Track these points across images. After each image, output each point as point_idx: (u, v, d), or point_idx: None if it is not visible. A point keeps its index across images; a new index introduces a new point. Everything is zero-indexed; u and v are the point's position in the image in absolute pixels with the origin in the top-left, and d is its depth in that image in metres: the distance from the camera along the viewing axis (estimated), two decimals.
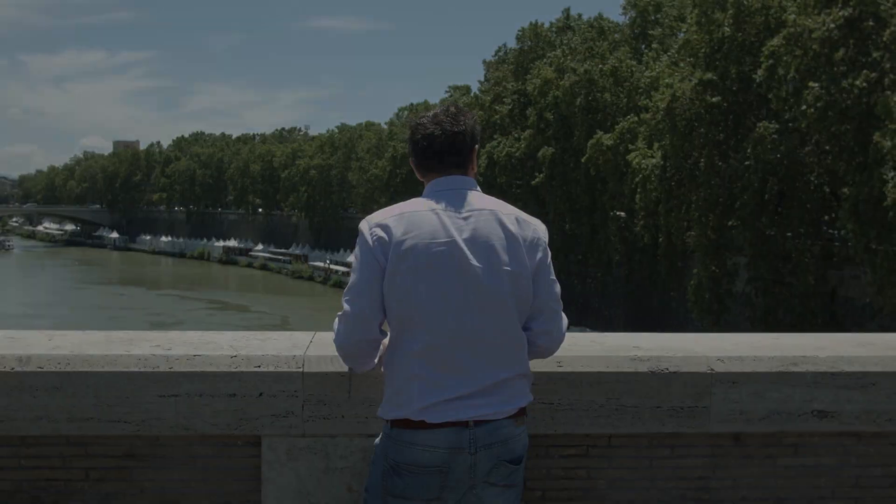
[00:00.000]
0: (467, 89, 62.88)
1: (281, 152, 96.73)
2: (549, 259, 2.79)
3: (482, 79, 60.52)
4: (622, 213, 40.66)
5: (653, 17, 44.61)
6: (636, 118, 38.12)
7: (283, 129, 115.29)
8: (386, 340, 2.76)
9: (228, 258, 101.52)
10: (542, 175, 45.11)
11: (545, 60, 48.18)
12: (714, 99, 31.18)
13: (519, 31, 54.37)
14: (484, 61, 60.38)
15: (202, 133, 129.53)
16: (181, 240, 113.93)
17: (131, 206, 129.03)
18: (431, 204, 2.69)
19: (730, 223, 31.47)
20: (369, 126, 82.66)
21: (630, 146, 37.09)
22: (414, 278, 2.59)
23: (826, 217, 30.96)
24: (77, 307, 61.54)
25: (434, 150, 2.76)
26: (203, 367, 3.00)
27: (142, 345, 3.14)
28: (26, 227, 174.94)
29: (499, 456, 2.63)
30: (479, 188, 2.79)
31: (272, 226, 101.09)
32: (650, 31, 44.26)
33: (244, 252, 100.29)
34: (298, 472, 3.05)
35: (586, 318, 47.20)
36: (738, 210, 30.65)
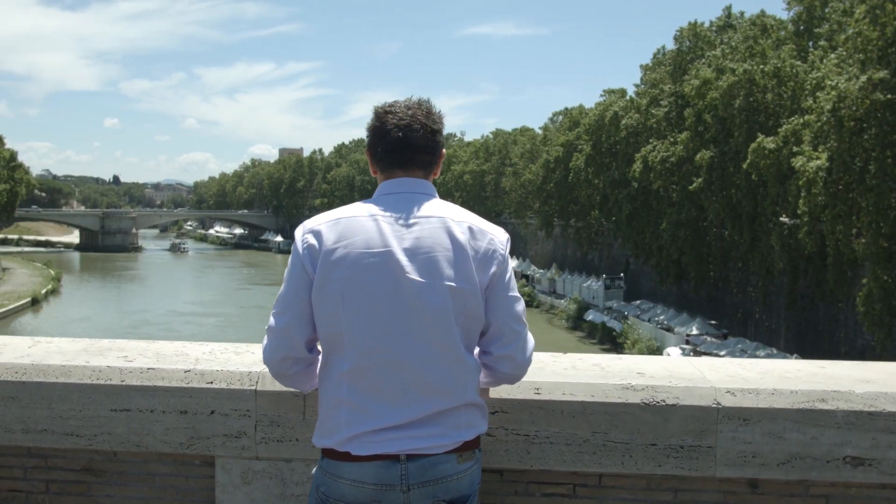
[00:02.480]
0: (623, 93, 61.44)
1: None
2: (510, 273, 2.44)
3: (638, 82, 59.11)
4: (786, 219, 38.49)
5: (819, 13, 42.07)
6: (801, 120, 35.96)
7: None
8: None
9: None
10: (699, 180, 43.28)
11: (703, 60, 46.38)
12: (886, 97, 28.99)
13: (677, 31, 52.68)
14: (641, 65, 58.98)
15: (362, 140, 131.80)
16: None
17: (295, 210, 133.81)
18: (373, 209, 2.40)
19: None
20: (524, 131, 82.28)
21: (794, 149, 35.02)
22: (342, 292, 2.31)
23: None
24: (241, 306, 64.39)
25: (408, 145, 2.43)
26: (155, 382, 2.85)
27: (109, 355, 3.03)
28: (199, 231, 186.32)
29: (436, 495, 2.32)
30: (436, 194, 2.48)
31: None
32: (816, 29, 41.77)
33: None
34: (253, 498, 2.84)
35: (747, 328, 45.14)
36: None
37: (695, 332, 44.53)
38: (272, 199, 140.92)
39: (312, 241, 2.37)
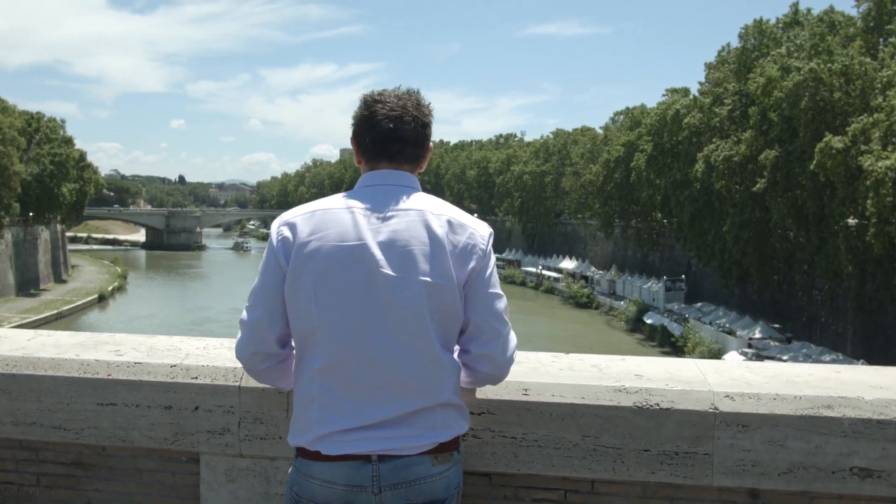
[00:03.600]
0: (686, 91, 60.48)
1: (496, 158, 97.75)
2: (490, 269, 2.34)
3: (702, 80, 58.09)
4: (854, 220, 37.38)
5: (890, 9, 40.75)
6: (870, 119, 34.86)
7: (499, 135, 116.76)
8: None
9: None
10: (763, 180, 42.30)
11: (769, 58, 45.35)
12: None
13: (742, 28, 51.58)
14: (705, 63, 57.93)
15: None
16: None
17: None
18: (350, 201, 2.31)
19: None
20: (584, 131, 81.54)
21: (863, 148, 33.96)
22: (315, 286, 2.23)
23: None
24: None
25: (398, 137, 2.34)
26: (141, 376, 2.81)
27: (102, 349, 2.99)
28: (261, 230, 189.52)
29: (409, 498, 2.23)
30: (419, 187, 2.39)
31: None
32: (887, 25, 40.50)
33: None
34: (237, 495, 2.79)
35: (812, 332, 44.04)
36: None
37: (758, 335, 43.62)
38: None
39: (287, 233, 2.29)
